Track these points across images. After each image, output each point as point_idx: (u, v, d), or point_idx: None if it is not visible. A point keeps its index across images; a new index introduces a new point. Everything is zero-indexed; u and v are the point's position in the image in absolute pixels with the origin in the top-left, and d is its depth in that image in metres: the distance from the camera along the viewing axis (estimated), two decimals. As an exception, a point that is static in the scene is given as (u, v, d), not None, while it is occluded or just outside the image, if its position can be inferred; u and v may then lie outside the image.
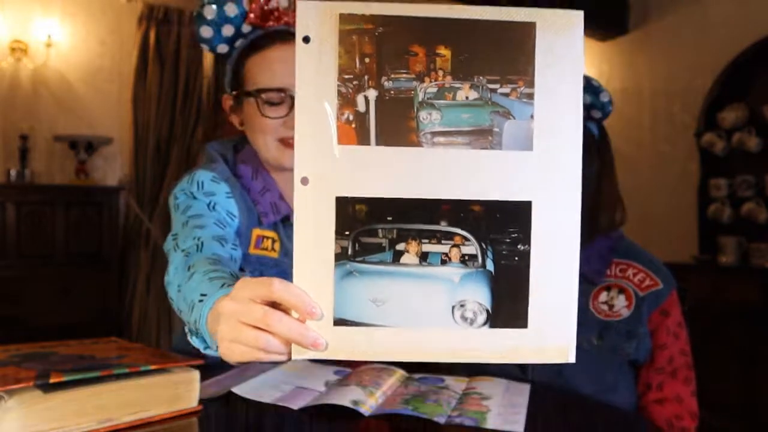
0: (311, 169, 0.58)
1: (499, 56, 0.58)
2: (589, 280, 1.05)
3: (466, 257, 0.58)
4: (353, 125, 0.58)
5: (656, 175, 3.57)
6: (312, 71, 0.57)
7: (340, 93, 0.58)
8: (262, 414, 0.84)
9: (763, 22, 3.00)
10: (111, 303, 3.22)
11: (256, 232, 1.04)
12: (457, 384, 0.97)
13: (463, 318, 0.58)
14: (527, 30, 0.58)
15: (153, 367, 0.79)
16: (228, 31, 1.00)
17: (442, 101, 0.58)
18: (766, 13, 3.01)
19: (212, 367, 1.13)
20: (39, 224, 3.10)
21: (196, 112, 3.59)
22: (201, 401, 0.84)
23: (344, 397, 0.84)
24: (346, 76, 0.58)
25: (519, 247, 0.58)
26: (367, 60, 0.58)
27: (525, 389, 0.94)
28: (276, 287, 0.57)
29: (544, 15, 0.58)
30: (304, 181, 0.58)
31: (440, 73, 0.58)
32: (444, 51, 0.58)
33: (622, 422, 0.85)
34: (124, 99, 3.53)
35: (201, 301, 0.70)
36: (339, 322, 0.58)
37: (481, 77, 0.58)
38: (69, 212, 3.17)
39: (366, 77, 0.58)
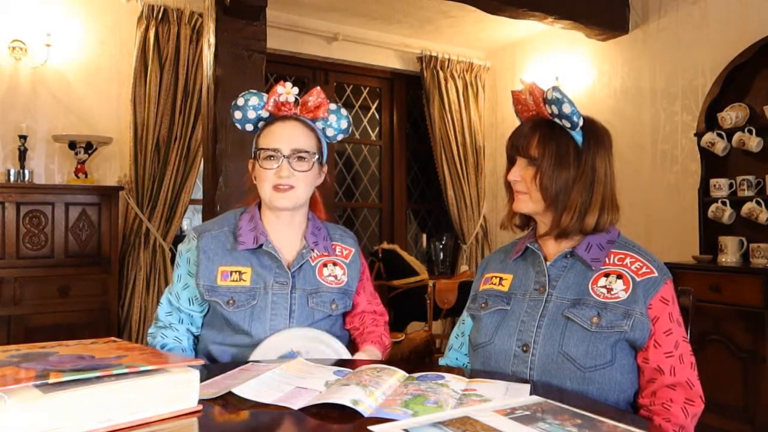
0: None
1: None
2: (589, 267, 1.12)
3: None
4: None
5: (657, 175, 3.57)
6: None
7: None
8: (262, 414, 0.83)
9: (763, 22, 3.00)
10: (111, 303, 3.22)
11: (221, 268, 1.30)
12: (456, 382, 0.96)
13: None
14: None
15: (153, 367, 0.78)
16: (251, 115, 1.34)
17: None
18: (766, 13, 3.01)
19: (212, 367, 1.13)
20: (38, 224, 3.09)
21: (195, 111, 3.59)
22: (201, 401, 0.84)
23: (344, 397, 0.84)
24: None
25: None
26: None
27: (525, 390, 0.94)
28: None
29: None
30: None
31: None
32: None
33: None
34: (124, 99, 3.53)
35: None
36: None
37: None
38: (69, 212, 3.17)
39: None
